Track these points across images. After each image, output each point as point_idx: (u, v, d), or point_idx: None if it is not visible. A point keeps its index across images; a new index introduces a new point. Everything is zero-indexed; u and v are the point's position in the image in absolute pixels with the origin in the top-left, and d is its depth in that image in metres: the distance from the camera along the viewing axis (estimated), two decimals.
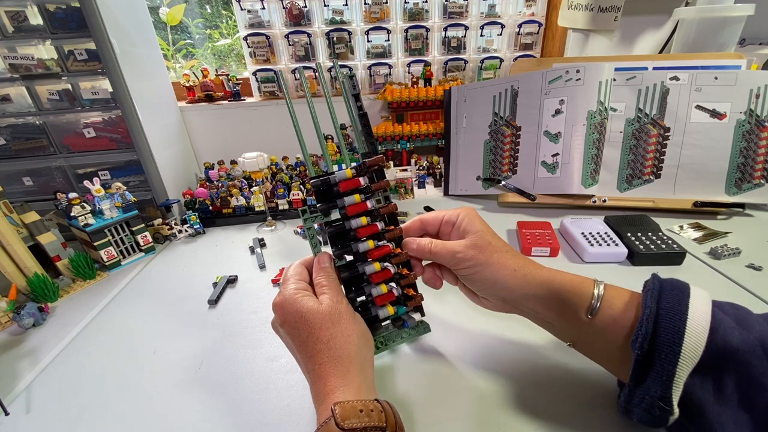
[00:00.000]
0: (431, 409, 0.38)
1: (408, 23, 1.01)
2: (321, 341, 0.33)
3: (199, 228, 0.80)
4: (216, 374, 0.45)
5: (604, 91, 0.74)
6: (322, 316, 0.34)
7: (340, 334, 0.34)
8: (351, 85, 0.44)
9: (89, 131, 0.77)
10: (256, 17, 0.98)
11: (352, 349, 0.34)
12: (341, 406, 0.28)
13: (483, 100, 0.85)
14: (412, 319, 0.43)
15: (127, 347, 0.50)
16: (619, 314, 0.33)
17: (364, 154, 0.44)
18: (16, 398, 0.43)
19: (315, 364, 0.33)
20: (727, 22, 0.81)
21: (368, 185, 0.41)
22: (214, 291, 0.60)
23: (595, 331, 0.34)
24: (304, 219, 0.41)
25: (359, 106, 0.44)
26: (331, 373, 0.32)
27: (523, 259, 0.38)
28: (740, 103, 0.71)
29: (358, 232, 0.41)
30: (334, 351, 0.33)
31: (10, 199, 0.62)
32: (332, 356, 0.33)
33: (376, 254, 0.41)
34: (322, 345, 0.33)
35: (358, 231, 0.41)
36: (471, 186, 0.89)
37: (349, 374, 0.32)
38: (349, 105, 0.44)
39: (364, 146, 0.44)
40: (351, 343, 0.34)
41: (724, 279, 0.56)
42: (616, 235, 0.65)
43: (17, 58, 0.69)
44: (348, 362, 0.33)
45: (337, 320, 0.34)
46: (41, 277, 0.59)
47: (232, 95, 1.05)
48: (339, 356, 0.33)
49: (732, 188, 0.74)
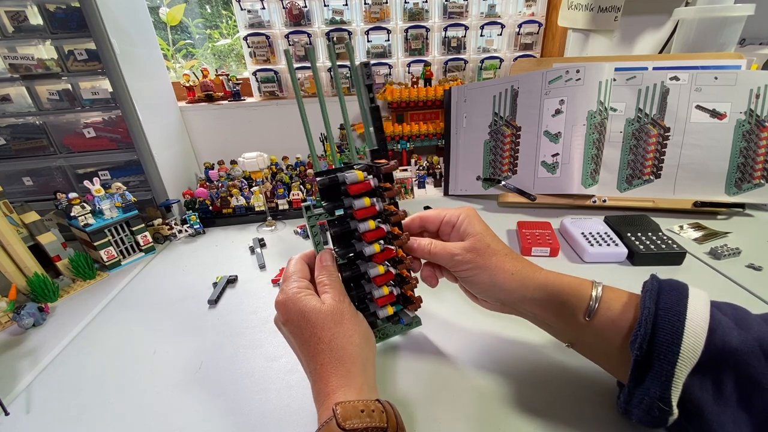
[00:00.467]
0: (431, 409, 0.38)
1: (408, 23, 1.01)
2: (323, 341, 0.33)
3: (199, 228, 0.80)
4: (216, 374, 0.45)
5: (604, 91, 0.74)
6: (324, 315, 0.34)
7: (342, 334, 0.34)
8: (366, 74, 0.41)
9: (89, 131, 0.77)
10: (256, 17, 0.98)
11: (353, 349, 0.34)
12: (342, 407, 0.28)
13: (483, 100, 0.85)
14: (407, 316, 0.44)
15: (127, 347, 0.50)
16: (618, 315, 0.33)
17: (374, 150, 0.42)
18: (16, 398, 0.43)
19: (317, 363, 0.33)
20: (727, 22, 0.81)
21: (377, 187, 0.40)
22: (214, 291, 0.60)
23: (594, 333, 0.34)
24: (307, 216, 0.40)
25: (371, 98, 0.42)
26: (333, 373, 0.32)
27: (521, 261, 0.38)
28: (740, 103, 0.71)
29: (365, 235, 0.40)
30: (335, 351, 0.33)
31: (10, 199, 0.62)
32: (334, 357, 0.33)
33: (380, 258, 0.41)
34: (324, 345, 0.33)
35: (365, 234, 0.40)
36: (471, 186, 0.89)
37: (351, 374, 0.32)
38: (361, 96, 0.41)
39: (373, 142, 0.43)
40: (353, 344, 0.34)
41: (724, 279, 0.56)
42: (616, 235, 0.65)
43: (17, 58, 0.69)
44: (350, 363, 0.33)
45: (339, 320, 0.34)
46: (41, 277, 0.59)
47: (232, 95, 1.05)
48: (341, 356, 0.33)
49: (732, 188, 0.74)
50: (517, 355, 0.44)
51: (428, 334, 0.48)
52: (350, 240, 0.42)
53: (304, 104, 0.37)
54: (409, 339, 0.48)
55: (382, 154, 0.41)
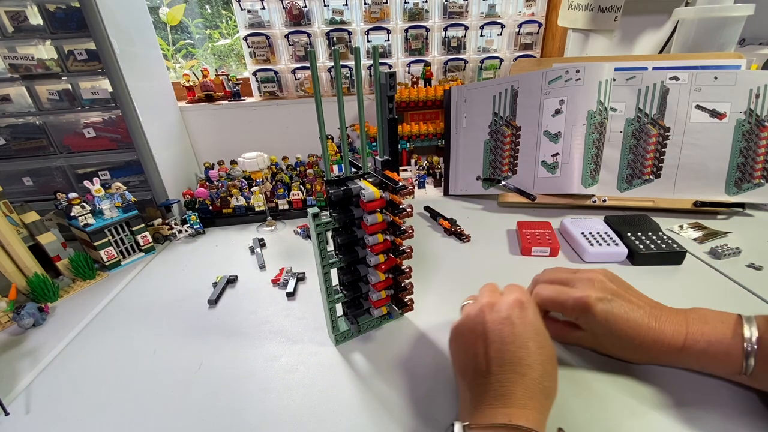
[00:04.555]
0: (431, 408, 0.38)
1: (408, 23, 1.01)
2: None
3: (199, 228, 0.80)
4: (216, 374, 0.45)
5: (604, 91, 0.74)
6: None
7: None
8: (389, 85, 0.41)
9: (89, 131, 0.77)
10: (256, 17, 0.98)
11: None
12: None
13: (483, 100, 0.85)
14: (395, 311, 0.47)
15: (127, 347, 0.50)
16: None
17: (385, 161, 0.42)
18: (16, 398, 0.43)
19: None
20: (727, 22, 0.81)
21: (389, 201, 0.40)
22: (214, 291, 0.60)
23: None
24: (315, 224, 0.39)
25: (390, 109, 0.42)
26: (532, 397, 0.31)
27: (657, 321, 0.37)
28: (740, 103, 0.71)
29: (373, 248, 0.40)
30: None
31: (10, 199, 0.62)
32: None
33: (384, 267, 0.42)
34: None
35: (373, 247, 0.40)
36: (471, 186, 0.89)
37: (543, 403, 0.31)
38: (380, 106, 0.41)
39: (386, 153, 0.42)
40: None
41: (724, 279, 0.56)
42: (616, 235, 0.65)
43: (17, 58, 0.69)
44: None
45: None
46: (41, 277, 0.59)
47: (232, 95, 1.05)
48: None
49: (732, 188, 0.74)
50: None
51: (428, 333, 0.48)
52: (353, 247, 0.42)
53: (322, 104, 0.36)
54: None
55: (392, 166, 0.41)
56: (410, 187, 0.39)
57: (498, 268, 0.62)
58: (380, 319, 0.49)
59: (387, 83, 0.40)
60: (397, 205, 0.39)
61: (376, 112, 0.41)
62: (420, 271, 0.62)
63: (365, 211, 0.39)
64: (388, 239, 0.41)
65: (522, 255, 0.65)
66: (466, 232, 0.72)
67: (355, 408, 0.39)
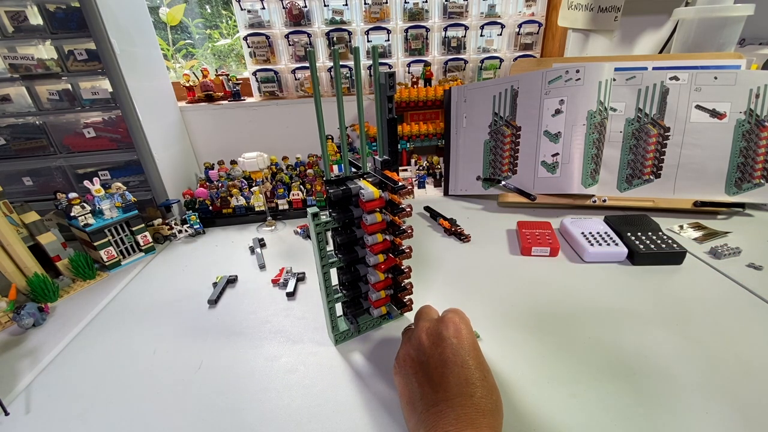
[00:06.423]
0: None
1: (408, 23, 1.01)
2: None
3: (199, 228, 0.80)
4: (216, 374, 0.45)
5: (604, 91, 0.74)
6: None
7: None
8: (389, 85, 0.41)
9: (89, 131, 0.77)
10: (256, 17, 0.98)
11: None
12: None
13: (483, 100, 0.85)
14: (395, 311, 0.47)
15: (127, 347, 0.50)
16: None
17: (385, 161, 0.42)
18: (16, 398, 0.43)
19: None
20: (727, 22, 0.81)
21: (388, 201, 0.40)
22: (214, 291, 0.60)
23: None
24: (315, 224, 0.40)
25: (390, 109, 0.42)
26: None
27: None
28: (740, 103, 0.71)
29: (372, 247, 0.40)
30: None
31: (10, 199, 0.62)
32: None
33: (383, 267, 0.42)
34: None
35: (372, 247, 0.40)
36: (471, 186, 0.89)
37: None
38: (380, 106, 0.41)
39: (385, 153, 0.42)
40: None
41: (724, 279, 0.56)
42: (616, 235, 0.65)
43: (17, 58, 0.69)
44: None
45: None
46: (41, 277, 0.59)
47: (232, 95, 1.05)
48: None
49: (732, 188, 0.74)
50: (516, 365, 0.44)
51: None
52: (353, 247, 0.42)
53: (321, 104, 0.36)
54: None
55: (392, 166, 0.41)
56: (409, 187, 0.39)
57: (498, 268, 0.62)
58: (380, 318, 0.49)
59: (387, 83, 0.40)
60: (396, 205, 0.39)
61: (376, 112, 0.42)
62: (420, 271, 0.62)
63: (365, 210, 0.39)
64: (388, 239, 0.41)
65: (522, 255, 0.65)
66: (466, 232, 0.72)
67: (355, 408, 0.39)
